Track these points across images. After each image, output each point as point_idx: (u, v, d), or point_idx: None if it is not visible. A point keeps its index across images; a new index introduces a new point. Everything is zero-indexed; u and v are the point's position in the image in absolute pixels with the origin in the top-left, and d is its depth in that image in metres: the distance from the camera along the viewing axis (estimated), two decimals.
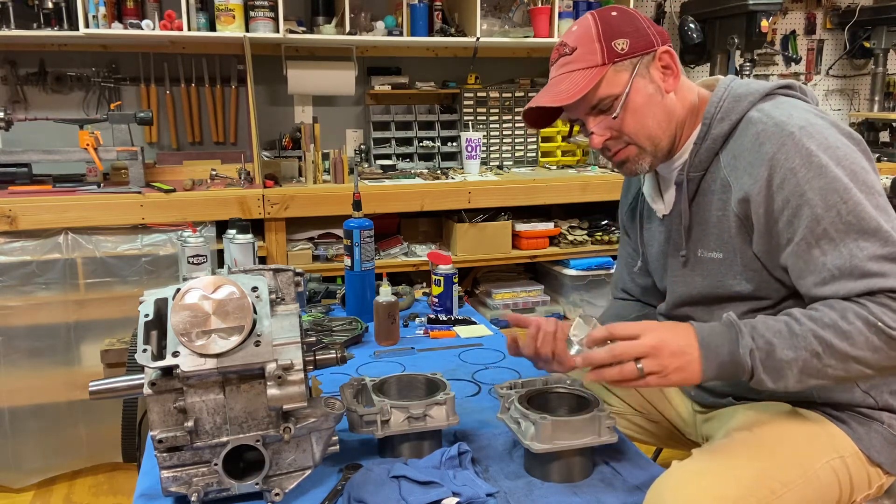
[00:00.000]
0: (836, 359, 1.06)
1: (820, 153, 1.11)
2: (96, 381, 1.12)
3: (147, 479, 1.19)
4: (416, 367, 1.65)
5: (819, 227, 1.10)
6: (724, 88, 1.25)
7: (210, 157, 3.10)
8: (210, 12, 2.80)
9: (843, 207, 1.09)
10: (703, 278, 1.29)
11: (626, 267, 1.57)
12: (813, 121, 1.15)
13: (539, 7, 3.21)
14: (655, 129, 1.25)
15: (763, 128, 1.17)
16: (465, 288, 3.18)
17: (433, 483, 1.13)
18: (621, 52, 1.21)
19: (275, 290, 1.17)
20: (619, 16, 1.24)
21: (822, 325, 1.07)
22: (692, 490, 1.06)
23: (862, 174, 1.11)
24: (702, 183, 1.27)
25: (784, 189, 1.13)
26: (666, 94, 1.25)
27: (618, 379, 1.09)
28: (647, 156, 1.27)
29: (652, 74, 1.24)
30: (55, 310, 2.50)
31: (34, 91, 3.01)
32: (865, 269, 1.07)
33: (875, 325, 1.05)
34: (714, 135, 1.23)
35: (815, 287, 1.12)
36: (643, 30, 1.23)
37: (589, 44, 1.22)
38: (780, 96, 1.24)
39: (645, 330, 1.10)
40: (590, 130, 1.26)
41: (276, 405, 1.08)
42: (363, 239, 1.94)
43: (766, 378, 1.08)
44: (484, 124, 3.38)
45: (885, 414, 1.23)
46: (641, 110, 1.23)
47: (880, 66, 3.86)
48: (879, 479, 1.23)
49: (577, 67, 1.22)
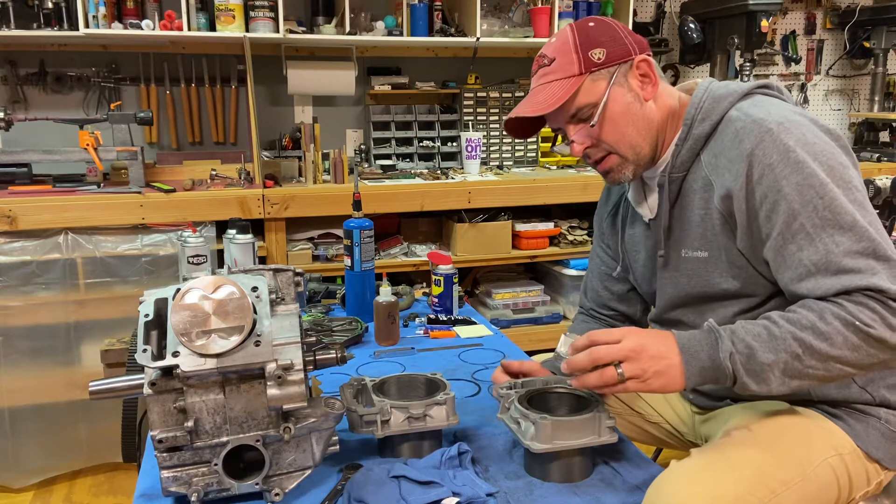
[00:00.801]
0: (816, 359, 1.07)
1: (798, 149, 1.12)
2: (96, 381, 1.12)
3: (147, 479, 1.19)
4: (416, 367, 1.65)
5: (796, 223, 1.11)
6: (704, 90, 1.27)
7: (210, 157, 3.10)
8: (210, 12, 2.80)
9: (820, 203, 1.10)
10: (690, 278, 1.30)
11: (599, 275, 1.58)
12: (791, 117, 1.16)
13: (539, 7, 3.21)
14: (635, 137, 1.27)
15: (742, 125, 1.19)
16: (465, 288, 3.18)
17: (433, 483, 1.13)
18: (598, 62, 1.24)
19: (275, 290, 1.17)
20: (597, 26, 1.27)
21: (800, 327, 1.08)
22: (691, 489, 1.06)
23: (839, 170, 1.12)
24: (683, 184, 1.29)
25: (762, 184, 1.14)
26: (645, 102, 1.27)
27: (598, 384, 1.11)
28: (630, 164, 1.29)
29: (630, 83, 1.26)
30: (55, 310, 2.50)
31: (34, 91, 3.01)
32: (841, 265, 1.08)
33: (853, 324, 1.05)
34: (695, 135, 1.25)
35: (792, 283, 1.13)
36: (620, 39, 1.26)
37: (566, 54, 1.25)
38: (759, 95, 1.26)
39: (625, 334, 1.12)
40: (570, 139, 1.29)
41: (276, 405, 1.08)
42: (363, 239, 1.94)
43: (749, 381, 1.09)
44: (484, 124, 3.37)
45: (881, 409, 1.24)
46: (620, 118, 1.25)
47: (880, 66, 3.86)
48: (878, 475, 1.24)
49: (554, 78, 1.26)
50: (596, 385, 1.11)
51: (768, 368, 1.08)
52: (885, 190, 2.26)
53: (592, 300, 1.61)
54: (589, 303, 1.62)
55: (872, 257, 1.07)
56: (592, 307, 1.61)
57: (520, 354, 1.77)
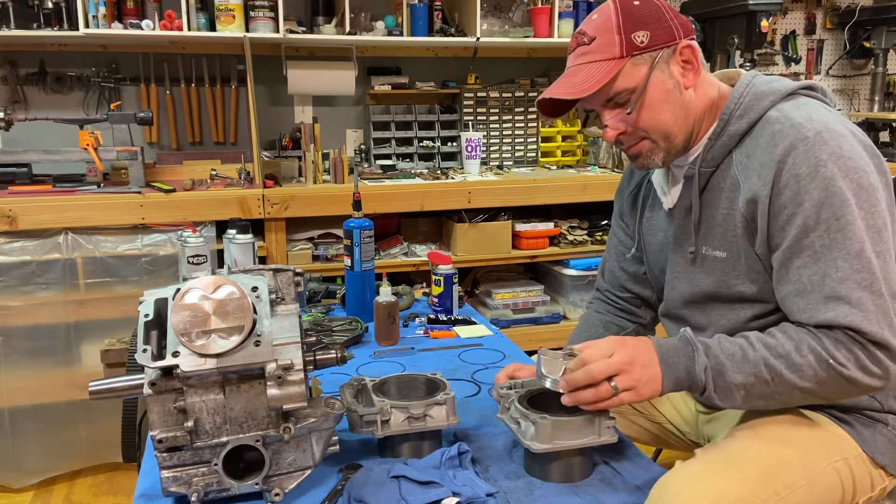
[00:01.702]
0: (783, 387, 1.10)
1: (829, 163, 1.09)
2: (96, 381, 1.11)
3: (147, 479, 1.19)
4: (416, 367, 1.65)
5: (807, 239, 1.10)
6: (746, 85, 1.23)
7: (210, 157, 3.10)
8: (210, 12, 2.80)
9: (835, 224, 1.08)
10: (708, 276, 1.28)
11: (617, 254, 1.55)
12: (832, 126, 1.12)
13: (539, 7, 3.21)
14: (671, 126, 1.22)
15: (780, 128, 1.15)
16: (465, 288, 3.18)
17: (433, 483, 1.13)
18: (640, 45, 1.18)
19: (275, 290, 1.17)
20: (642, 5, 1.20)
21: (775, 355, 1.09)
22: (695, 490, 1.06)
23: (868, 190, 1.10)
24: (711, 179, 1.25)
25: (785, 194, 1.12)
26: (685, 90, 1.21)
27: (594, 399, 1.12)
28: (661, 151, 1.25)
29: (671, 69, 1.20)
30: (55, 310, 2.50)
31: (34, 91, 3.01)
32: (834, 290, 1.08)
33: (826, 361, 1.07)
34: (731, 132, 1.21)
35: (788, 296, 1.14)
36: (665, 21, 1.19)
37: (608, 34, 1.18)
38: (803, 97, 1.22)
39: (614, 348, 1.13)
40: (604, 123, 1.24)
41: (276, 405, 1.08)
42: (363, 239, 1.94)
43: (714, 396, 1.12)
44: (484, 124, 3.38)
45: (889, 416, 1.23)
46: (658, 106, 1.20)
47: (880, 66, 3.86)
48: (882, 481, 1.23)
49: (594, 59, 1.19)
50: (592, 400, 1.12)
51: (735, 388, 1.11)
52: None
53: (609, 281, 1.58)
54: (605, 284, 1.59)
55: (868, 290, 1.07)
56: (609, 289, 1.58)
57: (520, 354, 1.77)
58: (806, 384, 1.08)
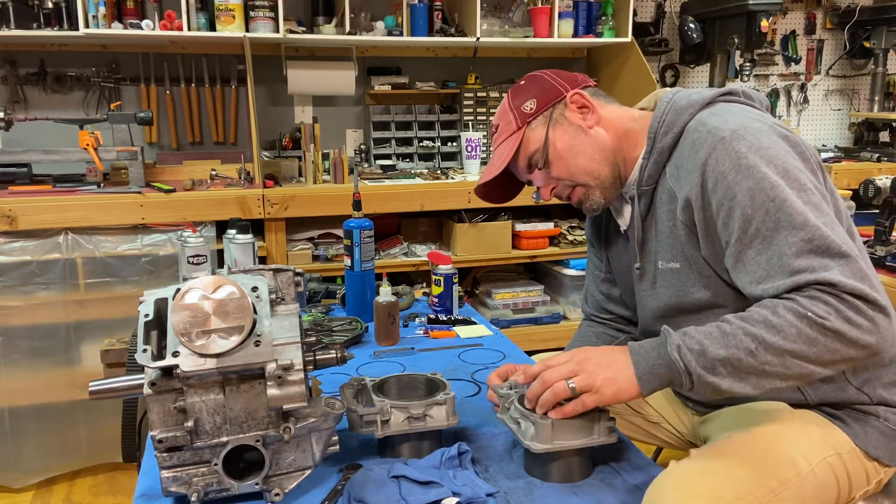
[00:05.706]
0: (771, 354, 1.04)
1: (750, 154, 1.13)
2: (96, 381, 1.12)
3: (147, 479, 1.19)
4: (416, 367, 1.65)
5: (751, 227, 1.11)
6: (667, 103, 1.29)
7: (210, 157, 3.10)
8: (210, 12, 2.80)
9: (772, 206, 1.09)
10: (668, 289, 1.31)
11: (594, 278, 1.60)
12: (748, 124, 1.17)
13: (539, 7, 3.21)
14: (588, 164, 1.31)
15: (698, 136, 1.20)
16: (465, 288, 3.18)
17: (433, 483, 1.13)
18: (531, 112, 1.33)
19: (275, 290, 1.17)
20: (526, 82, 1.37)
21: (752, 322, 1.06)
22: (691, 490, 1.06)
23: (794, 172, 1.12)
24: (654, 196, 1.30)
25: (717, 193, 1.15)
26: (589, 130, 1.31)
27: (552, 399, 1.13)
28: (596, 190, 1.33)
29: (569, 118, 1.32)
30: (55, 310, 2.50)
31: (34, 91, 3.01)
32: (793, 265, 1.07)
33: (805, 315, 1.03)
34: (659, 148, 1.26)
35: (750, 286, 1.13)
36: (548, 84, 1.34)
37: (505, 116, 1.37)
38: (721, 103, 1.26)
39: (574, 353, 1.16)
40: (536, 187, 1.38)
41: (276, 405, 1.08)
42: (363, 239, 1.94)
43: (702, 374, 1.06)
44: (484, 124, 3.37)
45: (881, 408, 1.24)
46: (566, 154, 1.31)
47: (880, 66, 3.86)
48: (878, 473, 1.24)
49: (501, 139, 1.37)
50: (551, 401, 1.13)
51: (720, 364, 1.05)
52: (885, 190, 2.25)
53: (592, 305, 1.62)
54: (590, 308, 1.63)
55: (826, 255, 1.06)
56: (592, 312, 1.62)
57: (520, 354, 1.77)
58: (792, 346, 1.03)
